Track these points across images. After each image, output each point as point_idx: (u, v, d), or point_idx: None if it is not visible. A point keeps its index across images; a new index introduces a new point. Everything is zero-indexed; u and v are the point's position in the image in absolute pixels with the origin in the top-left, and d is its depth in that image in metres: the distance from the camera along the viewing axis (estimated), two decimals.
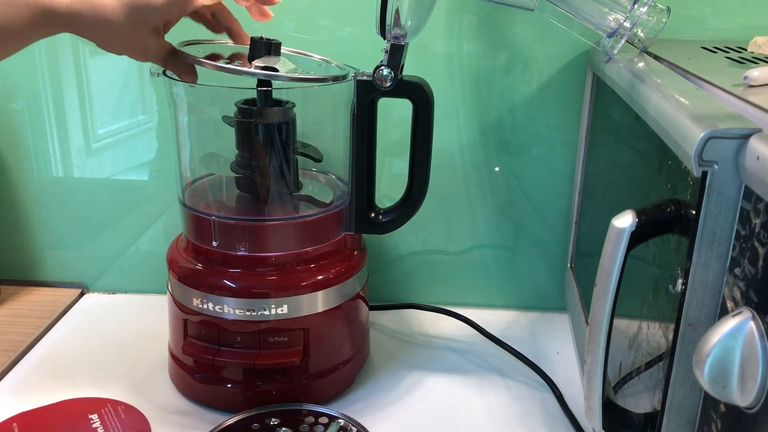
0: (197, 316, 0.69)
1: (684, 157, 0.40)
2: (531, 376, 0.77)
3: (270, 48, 0.66)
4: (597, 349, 0.46)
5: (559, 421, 0.70)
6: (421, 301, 0.89)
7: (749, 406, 0.35)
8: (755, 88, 0.48)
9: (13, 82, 0.88)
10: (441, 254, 0.92)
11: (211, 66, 0.63)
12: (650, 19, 0.63)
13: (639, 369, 0.52)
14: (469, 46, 0.82)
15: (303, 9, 0.82)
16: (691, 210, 0.40)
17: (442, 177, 0.86)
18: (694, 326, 0.41)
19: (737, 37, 0.74)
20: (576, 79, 0.82)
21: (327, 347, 0.71)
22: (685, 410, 0.43)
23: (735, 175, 0.37)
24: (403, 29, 0.64)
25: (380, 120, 0.71)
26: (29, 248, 0.95)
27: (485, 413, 0.72)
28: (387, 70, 0.66)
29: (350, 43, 0.83)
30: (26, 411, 0.69)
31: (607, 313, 0.45)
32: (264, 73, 0.63)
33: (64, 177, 0.91)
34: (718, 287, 0.40)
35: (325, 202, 0.74)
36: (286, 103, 0.70)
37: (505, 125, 0.85)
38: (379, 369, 0.79)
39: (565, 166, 0.85)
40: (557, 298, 0.91)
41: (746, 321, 0.35)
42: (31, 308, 0.89)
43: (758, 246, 0.35)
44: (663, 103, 0.46)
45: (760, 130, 0.37)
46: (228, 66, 0.64)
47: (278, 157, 0.70)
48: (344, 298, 0.71)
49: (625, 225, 0.42)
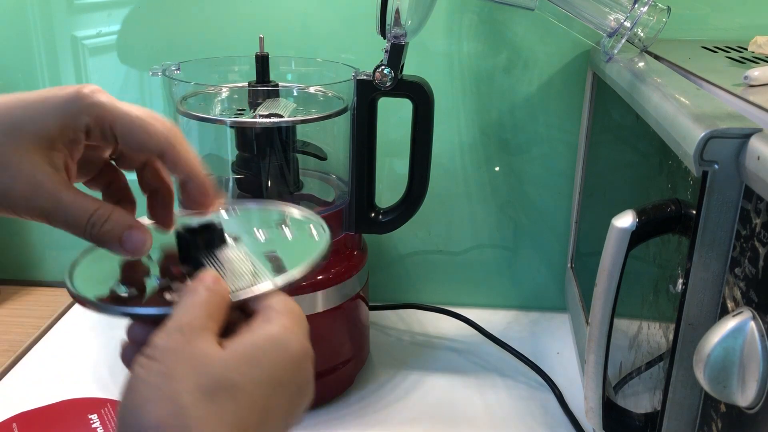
0: None
1: (684, 157, 0.40)
2: (531, 376, 0.77)
3: (268, 93, 0.68)
4: (597, 349, 0.46)
5: (559, 421, 0.70)
6: (421, 301, 0.89)
7: (749, 406, 0.35)
8: (756, 87, 0.48)
9: (13, 82, 0.88)
10: (441, 254, 0.92)
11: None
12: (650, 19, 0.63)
13: (639, 369, 0.52)
14: (470, 46, 0.82)
15: (303, 9, 0.82)
16: (691, 210, 0.40)
17: (442, 177, 0.86)
18: (695, 326, 0.41)
19: (738, 36, 0.74)
20: (576, 79, 0.81)
21: (327, 347, 0.71)
22: (685, 410, 0.43)
23: (735, 175, 0.37)
24: (403, 29, 0.64)
25: (380, 120, 0.71)
26: (29, 248, 0.95)
27: (485, 413, 0.72)
28: (387, 69, 0.66)
29: (350, 42, 0.83)
30: (26, 411, 0.69)
31: (607, 313, 0.45)
32: (270, 121, 0.66)
33: None
34: (719, 287, 0.40)
35: (326, 201, 0.74)
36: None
37: (506, 125, 0.85)
38: (379, 369, 0.79)
39: (566, 165, 0.85)
40: (557, 298, 0.91)
41: (747, 321, 0.35)
42: (31, 308, 0.89)
43: (759, 246, 0.35)
44: (663, 102, 0.46)
45: (760, 130, 0.37)
46: (236, 120, 0.66)
47: (278, 157, 0.70)
48: (344, 298, 0.71)
49: (626, 225, 0.42)
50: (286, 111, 0.67)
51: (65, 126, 0.37)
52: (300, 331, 0.37)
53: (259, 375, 0.34)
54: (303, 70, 0.79)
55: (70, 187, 0.37)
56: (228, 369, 0.33)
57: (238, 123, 0.67)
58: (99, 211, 0.37)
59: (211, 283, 0.37)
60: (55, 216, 0.37)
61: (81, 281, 0.39)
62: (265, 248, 0.42)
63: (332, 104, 0.71)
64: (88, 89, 0.38)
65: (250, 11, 0.83)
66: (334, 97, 0.72)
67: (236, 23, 0.83)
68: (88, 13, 0.86)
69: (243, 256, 0.41)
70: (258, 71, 0.69)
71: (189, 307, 0.35)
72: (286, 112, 0.66)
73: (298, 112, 0.68)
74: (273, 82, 0.70)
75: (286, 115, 0.66)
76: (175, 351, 0.33)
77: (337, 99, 0.72)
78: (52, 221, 0.37)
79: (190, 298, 0.36)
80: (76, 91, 0.37)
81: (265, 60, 0.69)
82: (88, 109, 0.37)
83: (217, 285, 0.37)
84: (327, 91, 0.74)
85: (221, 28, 0.84)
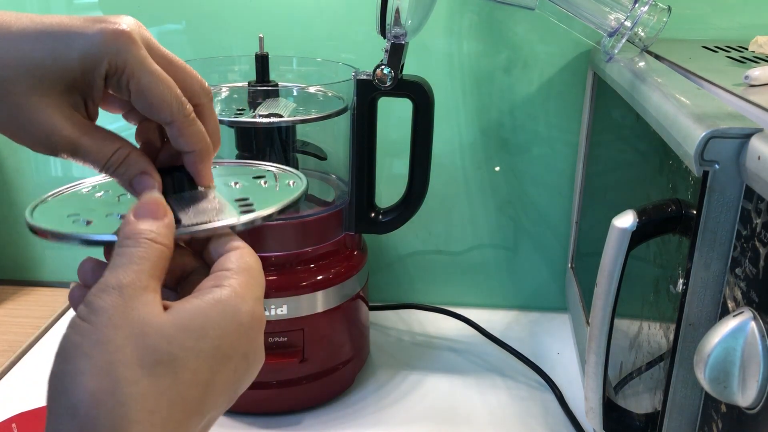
0: None
1: (685, 157, 0.40)
2: (531, 376, 0.77)
3: (268, 93, 0.68)
4: (598, 349, 0.46)
5: (560, 422, 0.70)
6: (421, 301, 0.89)
7: (750, 406, 0.35)
8: (756, 87, 0.48)
9: None
10: (441, 254, 0.91)
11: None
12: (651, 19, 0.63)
13: (640, 369, 0.52)
14: (470, 46, 0.82)
15: (303, 9, 0.82)
16: (692, 210, 0.40)
17: (442, 177, 0.86)
18: (695, 326, 0.41)
19: (738, 36, 0.74)
20: (576, 79, 0.81)
21: (327, 347, 0.71)
22: (685, 410, 0.43)
23: (736, 175, 0.37)
24: (404, 28, 0.64)
25: (380, 120, 0.70)
26: (28, 248, 0.94)
27: (485, 413, 0.72)
28: (387, 69, 0.66)
29: (350, 42, 0.82)
30: (26, 411, 0.69)
31: (607, 313, 0.45)
32: (270, 121, 0.65)
33: (63, 177, 0.91)
34: (719, 287, 0.39)
35: (326, 201, 0.74)
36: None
37: (506, 125, 0.85)
38: (379, 369, 0.79)
39: (566, 165, 0.85)
40: (558, 298, 0.91)
41: (747, 321, 0.35)
42: (31, 308, 0.89)
43: (759, 246, 0.35)
44: (664, 102, 0.46)
45: (761, 130, 0.37)
46: (235, 120, 0.66)
47: (278, 157, 0.70)
48: (344, 299, 0.71)
49: (626, 225, 0.42)
50: (286, 111, 0.67)
51: (87, 70, 0.35)
52: (250, 294, 0.34)
53: (203, 347, 0.32)
54: (303, 69, 0.79)
55: (87, 131, 0.36)
56: (170, 341, 0.31)
57: (238, 123, 0.67)
58: (114, 156, 0.37)
59: (153, 227, 0.33)
60: (73, 158, 0.37)
61: (41, 216, 0.38)
62: (239, 195, 0.41)
63: (332, 104, 0.71)
64: (118, 35, 0.35)
65: (250, 11, 0.83)
66: (334, 97, 0.72)
67: (236, 23, 0.83)
68: (88, 12, 0.86)
69: (212, 198, 0.40)
70: (258, 71, 0.69)
71: (128, 260, 0.32)
72: (286, 112, 0.66)
73: (298, 112, 0.68)
74: (273, 81, 0.70)
75: (286, 115, 0.66)
76: (112, 315, 0.30)
77: (337, 99, 0.72)
78: (70, 159, 0.37)
79: (129, 249, 0.33)
80: (107, 33, 0.35)
81: (265, 60, 0.69)
82: (113, 58, 0.35)
83: (160, 228, 0.34)
84: (327, 91, 0.74)
85: (221, 27, 0.84)
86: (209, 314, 0.32)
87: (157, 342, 0.31)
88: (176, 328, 0.31)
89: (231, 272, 0.35)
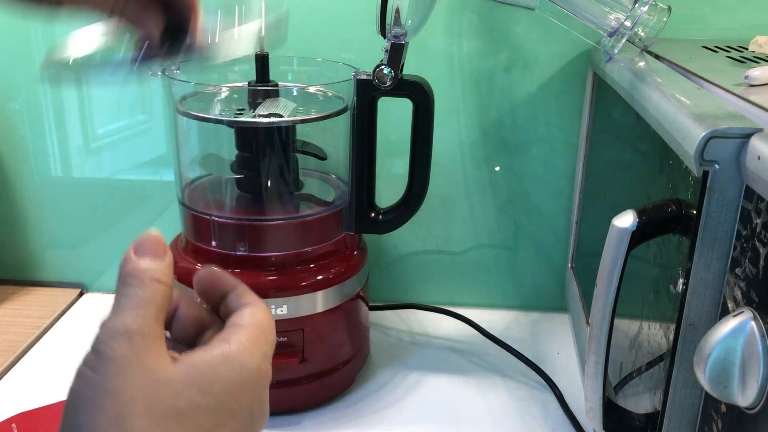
0: None
1: (685, 157, 0.40)
2: (531, 376, 0.77)
3: (268, 93, 0.68)
4: (598, 349, 0.46)
5: (560, 422, 0.70)
6: (421, 301, 0.89)
7: (750, 406, 0.35)
8: (756, 87, 0.48)
9: (13, 82, 0.87)
10: (441, 254, 0.91)
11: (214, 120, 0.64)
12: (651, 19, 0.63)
13: (640, 369, 0.52)
14: (470, 45, 0.82)
15: (303, 8, 0.82)
16: (692, 210, 0.40)
17: (442, 177, 0.86)
18: (695, 326, 0.41)
19: (738, 36, 0.74)
20: (577, 79, 0.81)
21: (327, 347, 0.71)
22: (685, 410, 0.43)
23: (736, 175, 0.37)
24: (404, 28, 0.64)
25: (380, 120, 0.70)
26: (28, 248, 0.94)
27: (486, 413, 0.72)
28: (387, 69, 0.66)
29: (350, 42, 0.82)
30: (26, 411, 0.69)
31: (607, 313, 0.45)
32: (270, 121, 0.66)
33: (63, 177, 0.91)
34: (719, 287, 0.39)
35: (326, 201, 0.74)
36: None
37: (506, 125, 0.85)
38: (379, 369, 0.79)
39: (566, 165, 0.85)
40: (558, 298, 0.91)
41: (747, 321, 0.35)
42: (31, 308, 0.89)
43: (759, 246, 0.35)
44: (664, 102, 0.46)
45: (761, 130, 0.37)
46: (235, 119, 0.67)
47: (278, 157, 0.70)
48: (344, 299, 0.71)
49: (626, 225, 0.42)
50: (286, 111, 0.67)
51: None
52: (258, 350, 0.35)
53: (209, 402, 0.32)
54: (303, 69, 0.79)
55: None
56: (178, 395, 0.31)
57: (238, 123, 0.67)
58: None
59: (155, 266, 0.33)
60: None
61: None
62: None
63: (332, 104, 0.71)
64: None
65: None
66: (334, 97, 0.72)
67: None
68: None
69: None
70: (258, 71, 0.69)
71: (134, 303, 0.32)
72: (286, 112, 0.66)
73: (298, 112, 0.68)
74: (273, 81, 0.70)
75: (285, 115, 0.66)
76: (123, 365, 0.31)
77: (337, 99, 0.72)
78: None
79: (134, 290, 0.32)
80: None
81: (265, 59, 0.69)
82: None
83: (162, 267, 0.34)
84: (327, 91, 0.74)
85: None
86: (217, 369, 0.33)
87: (166, 395, 0.31)
88: (184, 384, 0.32)
89: (241, 328, 0.35)
